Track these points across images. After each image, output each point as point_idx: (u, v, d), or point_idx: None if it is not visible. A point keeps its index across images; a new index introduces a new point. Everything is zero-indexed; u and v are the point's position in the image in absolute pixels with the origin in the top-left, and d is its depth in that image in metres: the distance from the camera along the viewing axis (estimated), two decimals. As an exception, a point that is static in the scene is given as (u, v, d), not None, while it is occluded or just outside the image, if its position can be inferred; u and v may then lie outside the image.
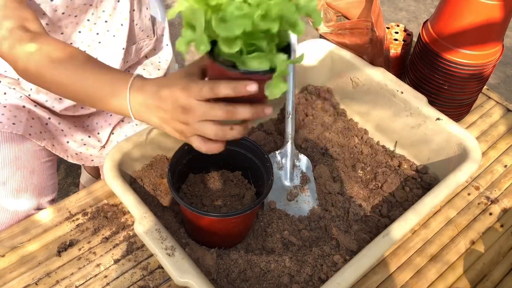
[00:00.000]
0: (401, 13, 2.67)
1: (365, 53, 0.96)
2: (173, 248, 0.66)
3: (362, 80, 0.96)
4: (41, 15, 0.85)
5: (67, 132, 1.03)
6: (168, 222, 0.77)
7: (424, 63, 0.99)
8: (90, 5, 0.90)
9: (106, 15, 0.94)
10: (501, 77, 2.28)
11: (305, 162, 0.90)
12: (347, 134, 0.97)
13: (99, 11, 0.93)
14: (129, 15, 0.96)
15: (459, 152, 0.84)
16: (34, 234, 0.80)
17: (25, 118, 0.95)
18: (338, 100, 1.03)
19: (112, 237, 0.80)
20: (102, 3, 0.92)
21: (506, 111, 1.09)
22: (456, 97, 1.00)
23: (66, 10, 0.87)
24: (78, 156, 1.05)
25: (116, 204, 0.84)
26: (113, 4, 0.93)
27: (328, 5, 1.03)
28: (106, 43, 0.97)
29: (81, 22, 0.92)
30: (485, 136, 1.04)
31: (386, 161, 0.93)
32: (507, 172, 0.97)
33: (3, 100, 0.96)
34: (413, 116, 0.89)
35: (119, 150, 0.78)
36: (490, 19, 0.87)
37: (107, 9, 0.93)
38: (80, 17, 0.91)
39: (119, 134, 1.07)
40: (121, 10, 0.95)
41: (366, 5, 0.99)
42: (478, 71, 0.95)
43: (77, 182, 1.62)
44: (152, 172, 0.83)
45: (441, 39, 0.94)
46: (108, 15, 0.94)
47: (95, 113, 1.07)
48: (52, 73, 0.69)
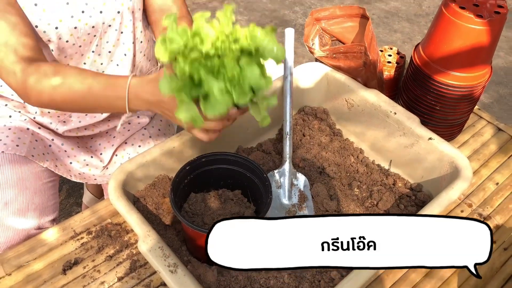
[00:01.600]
0: (396, 35, 2.74)
1: (359, 75, 1.00)
2: (175, 265, 0.68)
3: (356, 102, 1.00)
4: (46, 43, 0.89)
5: (70, 153, 1.06)
6: (170, 240, 0.80)
7: (416, 85, 1.03)
8: (94, 36, 0.94)
9: (109, 45, 0.98)
10: (495, 97, 2.33)
11: (303, 180, 0.93)
12: (343, 153, 1.00)
13: (103, 42, 0.97)
14: (132, 46, 1.00)
15: (451, 171, 0.87)
16: (39, 252, 0.82)
17: (29, 140, 0.98)
18: (334, 120, 1.07)
19: (116, 255, 0.82)
20: (105, 33, 0.96)
21: (497, 130, 1.13)
22: (448, 117, 1.03)
23: (70, 39, 0.91)
24: (81, 175, 1.08)
25: (120, 223, 0.87)
26: (117, 35, 0.97)
27: (324, 30, 1.07)
28: (110, 72, 1.01)
29: (86, 53, 0.96)
30: (477, 155, 1.07)
31: (381, 179, 0.96)
32: (499, 189, 0.99)
33: (8, 122, 0.99)
34: (406, 136, 0.93)
35: (123, 170, 0.81)
36: (478, 43, 0.92)
37: (110, 39, 0.97)
38: (84, 48, 0.95)
39: (122, 155, 1.10)
40: (124, 40, 0.99)
41: (360, 30, 1.04)
42: (469, 92, 0.99)
43: (79, 202, 1.64)
44: (154, 192, 0.85)
45: (432, 62, 0.98)
46: (111, 46, 0.98)
47: (97, 134, 1.11)
48: (67, 108, 0.83)
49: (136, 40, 1.01)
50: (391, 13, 2.93)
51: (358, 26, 1.05)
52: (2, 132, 0.96)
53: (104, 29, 0.94)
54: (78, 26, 0.90)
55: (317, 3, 2.98)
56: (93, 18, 0.91)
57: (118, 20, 0.95)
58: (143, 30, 1.02)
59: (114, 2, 0.92)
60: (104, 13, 0.92)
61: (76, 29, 0.90)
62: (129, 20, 0.97)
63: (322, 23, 1.06)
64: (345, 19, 1.05)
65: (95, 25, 0.92)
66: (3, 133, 0.96)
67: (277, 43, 0.62)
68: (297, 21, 2.79)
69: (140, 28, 1.01)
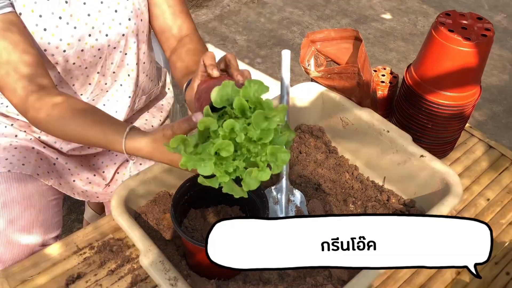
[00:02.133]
0: (391, 54, 2.79)
1: (353, 95, 1.04)
2: (175, 279, 0.71)
3: (351, 120, 1.03)
4: (53, 65, 0.93)
5: (74, 171, 1.08)
6: (170, 255, 0.82)
7: (408, 104, 1.07)
8: (99, 57, 0.98)
9: (114, 66, 1.02)
10: (488, 114, 2.37)
11: (299, 197, 0.96)
12: (339, 170, 1.03)
13: (107, 63, 1.01)
14: (136, 67, 1.04)
15: (442, 187, 0.90)
16: (43, 267, 0.85)
17: (34, 159, 1.00)
18: (330, 138, 1.10)
19: (118, 269, 0.84)
20: (110, 55, 1.00)
21: (488, 147, 1.16)
22: (440, 135, 1.07)
23: (77, 61, 0.94)
24: (84, 193, 1.11)
25: (121, 238, 0.89)
26: (121, 57, 1.01)
27: (319, 51, 1.11)
28: (114, 92, 1.05)
29: (91, 74, 1.00)
30: (469, 172, 1.10)
31: (376, 195, 0.99)
32: (490, 205, 1.02)
33: (14, 142, 1.02)
34: (399, 153, 0.96)
35: (126, 187, 0.84)
36: (466, 64, 0.96)
37: (115, 61, 1.01)
38: (90, 69, 0.99)
39: (124, 173, 1.13)
40: (128, 61, 1.03)
41: (354, 51, 1.08)
42: (459, 111, 1.03)
43: (80, 218, 1.67)
44: (155, 208, 0.88)
45: (423, 82, 1.02)
46: (116, 67, 1.02)
47: (100, 153, 1.13)
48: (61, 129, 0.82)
49: (140, 61, 1.05)
50: (386, 32, 2.99)
51: (352, 47, 1.09)
52: (9, 151, 0.99)
53: (109, 51, 0.98)
54: (85, 48, 0.94)
55: (314, 23, 3.04)
56: (99, 41, 0.95)
57: (122, 43, 0.99)
58: (146, 51, 1.06)
59: (119, 26, 0.96)
60: (109, 36, 0.96)
61: (82, 52, 0.94)
62: (133, 42, 1.00)
63: (318, 45, 1.11)
64: (340, 41, 1.10)
65: (101, 47, 0.96)
66: (9, 152, 0.98)
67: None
68: (294, 40, 2.85)
69: (143, 49, 1.04)
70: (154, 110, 1.20)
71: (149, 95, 1.15)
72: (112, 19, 0.95)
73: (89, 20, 0.93)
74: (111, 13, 0.95)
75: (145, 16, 1.01)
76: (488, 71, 2.67)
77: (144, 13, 1.00)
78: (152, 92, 1.17)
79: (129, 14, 0.97)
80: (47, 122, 0.82)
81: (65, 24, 0.90)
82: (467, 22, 0.98)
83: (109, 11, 0.95)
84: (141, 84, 1.09)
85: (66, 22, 0.90)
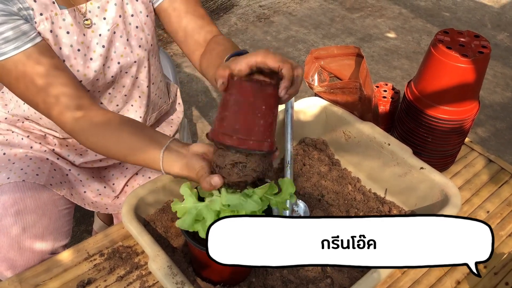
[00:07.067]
0: (395, 71, 2.84)
1: (355, 109, 1.08)
2: (183, 283, 0.74)
3: (353, 134, 1.07)
4: None
5: (85, 183, 1.12)
6: (177, 261, 0.85)
7: (409, 119, 1.10)
8: (112, 82, 1.03)
9: (125, 89, 1.06)
10: (492, 131, 2.40)
11: (303, 207, 0.99)
12: (341, 182, 1.06)
13: (119, 86, 1.05)
14: (147, 89, 1.09)
15: (441, 198, 0.92)
16: (55, 273, 0.88)
17: (48, 170, 1.04)
18: (333, 151, 1.14)
19: (126, 276, 0.87)
20: (122, 79, 1.04)
21: (488, 161, 1.19)
22: (440, 149, 1.10)
23: (91, 88, 0.99)
24: (94, 204, 1.14)
25: (130, 246, 0.92)
26: (132, 81, 1.06)
27: (322, 68, 1.15)
28: (125, 112, 1.10)
29: (103, 95, 1.04)
30: (469, 185, 1.12)
31: (377, 207, 1.01)
32: (489, 217, 1.05)
33: (30, 153, 1.06)
34: (400, 165, 0.99)
35: (136, 195, 0.87)
36: (464, 80, 0.99)
37: (126, 84, 1.05)
38: (102, 93, 1.04)
39: (133, 186, 1.17)
40: (139, 84, 1.07)
41: (356, 67, 1.12)
42: (458, 125, 1.06)
43: (89, 229, 1.70)
44: (164, 216, 0.91)
45: (423, 97, 1.06)
46: (127, 90, 1.06)
47: (111, 165, 1.17)
48: (95, 140, 0.87)
49: (150, 82, 1.09)
50: (391, 50, 3.04)
51: (354, 64, 1.13)
52: (24, 162, 1.03)
53: (122, 75, 1.03)
54: (99, 78, 0.98)
55: (320, 41, 3.10)
56: (111, 69, 1.00)
57: (134, 68, 1.04)
58: (155, 72, 1.10)
59: (131, 54, 1.01)
60: (121, 64, 1.01)
61: (97, 81, 0.99)
62: (144, 67, 1.05)
63: (321, 61, 1.15)
64: (342, 58, 1.14)
65: (114, 75, 1.01)
66: (24, 163, 1.03)
67: None
68: (300, 58, 2.91)
69: (153, 71, 1.09)
70: (164, 125, 1.25)
71: (159, 111, 1.20)
72: (124, 47, 1.00)
73: (103, 51, 0.97)
74: (123, 42, 0.99)
75: (154, 41, 1.05)
76: (491, 89, 2.70)
77: (153, 37, 1.04)
78: (163, 109, 1.21)
79: (139, 42, 1.01)
80: (92, 135, 0.87)
81: (83, 56, 0.94)
82: (465, 39, 1.02)
83: (122, 40, 0.99)
84: (151, 103, 1.13)
85: (84, 54, 0.94)
